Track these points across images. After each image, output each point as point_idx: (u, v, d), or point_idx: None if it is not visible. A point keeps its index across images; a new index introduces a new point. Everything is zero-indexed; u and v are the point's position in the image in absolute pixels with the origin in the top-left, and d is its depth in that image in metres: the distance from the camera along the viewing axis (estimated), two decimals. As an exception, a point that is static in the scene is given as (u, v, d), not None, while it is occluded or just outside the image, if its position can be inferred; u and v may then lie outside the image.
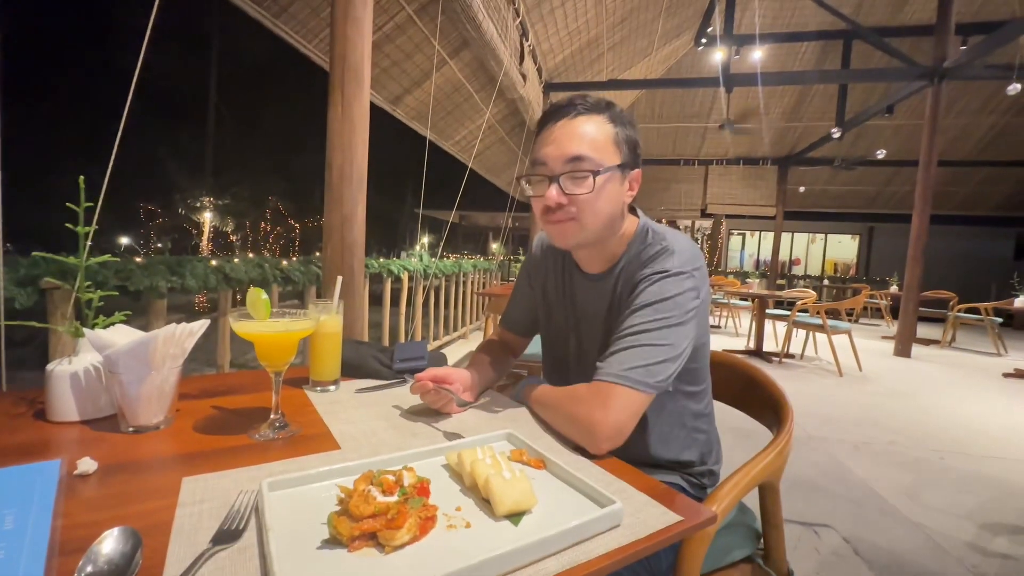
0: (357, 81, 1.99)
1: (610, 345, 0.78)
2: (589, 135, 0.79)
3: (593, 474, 0.63)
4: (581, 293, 0.94)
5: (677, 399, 0.89)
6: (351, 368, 1.01)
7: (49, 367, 0.70)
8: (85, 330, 0.68)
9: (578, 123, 0.80)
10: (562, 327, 0.98)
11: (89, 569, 0.38)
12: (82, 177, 0.69)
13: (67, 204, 0.68)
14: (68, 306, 1.45)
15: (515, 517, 0.51)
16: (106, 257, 0.78)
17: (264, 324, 0.68)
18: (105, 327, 0.73)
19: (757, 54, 6.58)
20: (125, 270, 1.65)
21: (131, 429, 0.68)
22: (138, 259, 1.74)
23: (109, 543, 0.40)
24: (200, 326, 0.73)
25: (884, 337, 6.91)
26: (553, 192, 0.80)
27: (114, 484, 0.54)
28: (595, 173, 0.78)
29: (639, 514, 0.53)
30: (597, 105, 0.82)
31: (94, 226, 0.85)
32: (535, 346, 2.45)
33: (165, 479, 0.56)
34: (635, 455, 0.80)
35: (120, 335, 0.70)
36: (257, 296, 0.71)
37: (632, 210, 0.92)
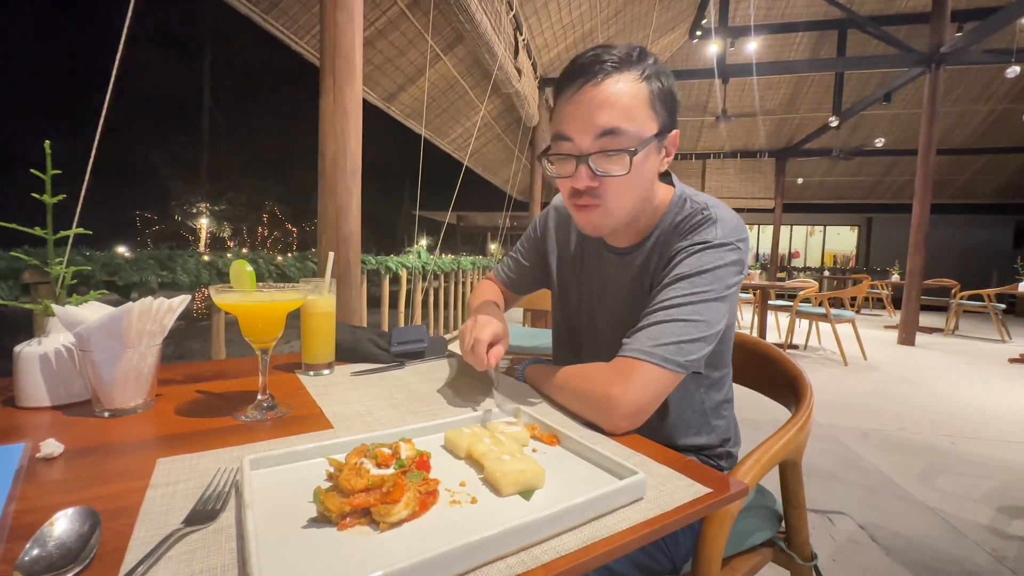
0: (349, 68, 1.94)
1: (639, 321, 0.70)
2: (622, 102, 0.66)
3: (610, 447, 0.57)
4: (603, 268, 0.86)
5: (699, 386, 0.82)
6: (347, 352, 0.96)
7: (17, 348, 0.64)
8: (55, 307, 0.63)
9: (607, 87, 0.67)
10: (576, 304, 0.91)
11: (36, 552, 0.33)
12: (48, 142, 0.64)
13: (31, 171, 0.62)
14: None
15: (526, 493, 0.46)
16: (76, 230, 0.73)
17: (248, 295, 0.63)
18: (79, 305, 0.67)
19: (752, 45, 6.55)
20: (113, 264, 1.59)
21: (106, 413, 0.63)
22: (127, 254, 1.69)
23: (62, 524, 0.35)
24: (180, 302, 0.68)
25: (887, 327, 6.87)
26: (583, 174, 0.69)
27: (80, 467, 0.49)
28: (631, 152, 0.66)
29: (663, 487, 0.48)
30: (627, 59, 0.68)
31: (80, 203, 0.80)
32: (537, 339, 2.40)
33: (137, 461, 0.51)
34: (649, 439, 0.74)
35: (94, 312, 0.65)
36: (242, 268, 0.66)
37: (666, 175, 0.81)
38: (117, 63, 1.46)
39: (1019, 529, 1.71)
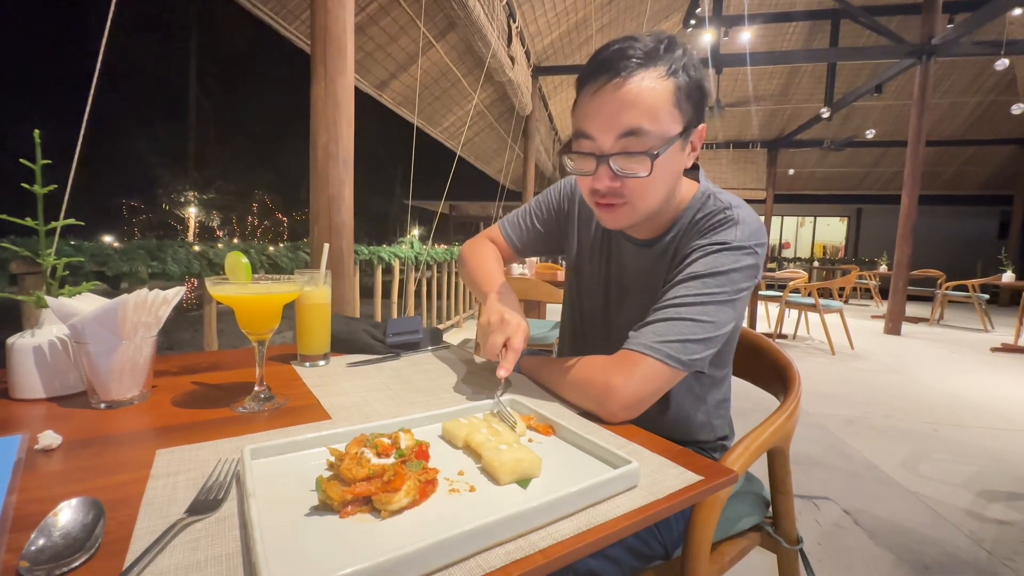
0: (340, 55, 1.92)
1: (648, 315, 0.70)
2: (646, 100, 0.64)
3: (604, 437, 0.59)
4: (621, 256, 0.85)
5: (701, 384, 0.83)
6: (342, 343, 0.96)
7: (10, 340, 0.64)
8: (48, 299, 0.63)
9: (631, 85, 0.64)
10: (590, 286, 0.92)
11: (41, 542, 0.33)
12: (37, 131, 0.63)
13: (21, 160, 0.61)
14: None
15: (523, 481, 0.47)
16: (68, 221, 0.72)
17: (244, 287, 0.63)
18: (72, 296, 0.67)
19: (746, 35, 6.53)
20: (102, 254, 1.57)
21: (103, 405, 0.63)
22: (115, 244, 1.67)
23: (66, 514, 0.36)
24: (175, 293, 0.68)
25: (874, 316, 6.98)
26: (603, 175, 0.68)
27: (79, 458, 0.49)
28: (653, 156, 0.65)
29: (656, 475, 0.50)
30: (654, 53, 0.65)
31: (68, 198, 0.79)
32: (531, 329, 2.42)
33: (137, 452, 0.51)
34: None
35: (88, 303, 0.64)
36: (237, 260, 0.66)
37: (694, 168, 0.79)
38: (102, 50, 1.43)
39: (997, 512, 1.77)
